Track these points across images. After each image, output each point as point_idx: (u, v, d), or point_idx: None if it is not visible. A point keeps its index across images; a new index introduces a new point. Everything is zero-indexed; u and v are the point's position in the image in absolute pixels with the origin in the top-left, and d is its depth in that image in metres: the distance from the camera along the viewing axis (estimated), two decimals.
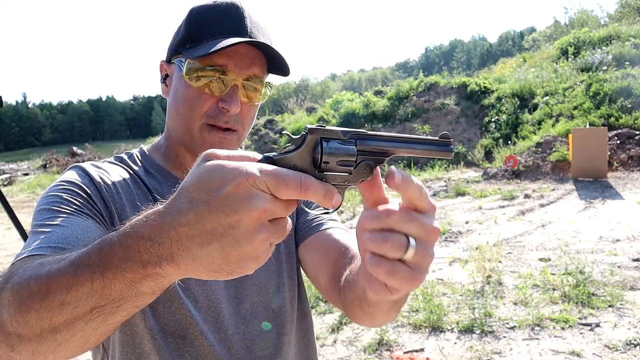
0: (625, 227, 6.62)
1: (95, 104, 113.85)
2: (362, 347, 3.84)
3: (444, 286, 4.98)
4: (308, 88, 61.08)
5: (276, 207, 0.54)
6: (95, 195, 0.91)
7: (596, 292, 4.50)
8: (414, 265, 0.59)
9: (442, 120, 16.08)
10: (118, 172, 1.00)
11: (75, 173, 0.95)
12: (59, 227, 0.80)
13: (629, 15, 26.44)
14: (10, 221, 3.37)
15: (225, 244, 0.52)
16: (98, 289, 0.55)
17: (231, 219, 0.52)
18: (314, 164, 0.59)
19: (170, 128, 1.04)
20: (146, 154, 1.08)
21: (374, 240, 0.58)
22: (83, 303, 0.56)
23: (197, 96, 0.95)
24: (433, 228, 0.60)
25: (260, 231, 0.53)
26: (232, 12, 0.95)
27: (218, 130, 0.97)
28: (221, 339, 0.99)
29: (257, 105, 1.01)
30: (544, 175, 11.00)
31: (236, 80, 0.94)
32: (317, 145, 0.59)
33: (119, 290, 0.55)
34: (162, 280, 0.56)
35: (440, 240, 6.80)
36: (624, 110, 12.68)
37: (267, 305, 1.05)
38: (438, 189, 10.81)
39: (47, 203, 0.86)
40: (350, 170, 0.60)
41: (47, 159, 24.98)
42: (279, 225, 0.56)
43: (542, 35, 43.35)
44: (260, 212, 0.52)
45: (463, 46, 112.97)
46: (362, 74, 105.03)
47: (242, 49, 0.94)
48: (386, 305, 0.81)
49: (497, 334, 3.89)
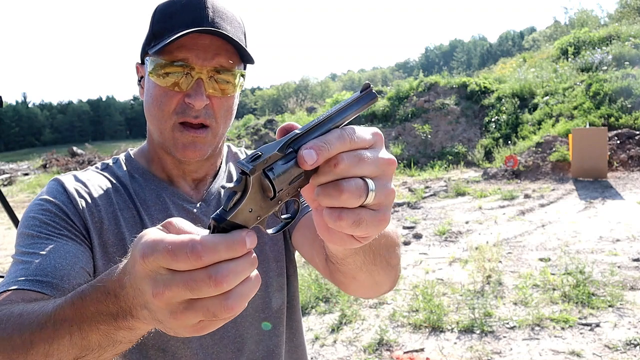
0: (625, 227, 6.62)
1: (95, 104, 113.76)
2: (362, 347, 3.84)
3: (444, 286, 4.98)
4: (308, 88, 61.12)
5: (177, 292, 0.46)
6: (72, 213, 0.91)
7: (596, 292, 4.50)
8: (377, 205, 0.55)
9: (442, 120, 16.07)
10: (99, 182, 1.00)
11: (54, 189, 0.95)
12: (38, 256, 0.82)
13: (629, 15, 26.43)
14: (10, 221, 3.39)
15: (152, 316, 0.50)
16: (77, 341, 0.57)
17: (142, 299, 0.50)
18: (267, 196, 0.53)
19: (149, 131, 1.03)
20: (132, 158, 1.08)
21: (328, 194, 0.52)
22: (65, 354, 0.58)
23: (164, 94, 0.92)
24: (387, 159, 0.55)
25: (176, 313, 0.47)
26: (193, 3, 0.91)
27: (190, 130, 0.94)
28: (207, 345, 0.97)
29: (231, 97, 0.97)
30: (544, 175, 11.00)
31: (200, 73, 0.91)
32: (264, 180, 0.52)
33: (96, 340, 0.56)
34: (134, 331, 0.55)
35: (440, 240, 6.81)
36: (624, 110, 12.67)
37: (256, 306, 1.03)
38: (438, 189, 10.80)
39: (27, 226, 0.88)
40: (301, 179, 0.55)
41: (47, 159, 24.96)
42: (208, 305, 0.47)
43: (542, 35, 43.31)
44: (158, 295, 0.46)
45: (463, 46, 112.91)
46: (362, 74, 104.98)
47: (205, 40, 0.90)
48: (358, 257, 0.74)
49: (497, 334, 3.89)
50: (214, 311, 0.46)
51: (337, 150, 0.52)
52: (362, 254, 0.74)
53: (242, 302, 0.48)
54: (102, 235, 0.93)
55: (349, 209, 0.53)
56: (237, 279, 0.47)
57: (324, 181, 0.53)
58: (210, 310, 0.46)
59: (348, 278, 0.84)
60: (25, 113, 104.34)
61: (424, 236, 7.07)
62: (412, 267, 5.74)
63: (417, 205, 9.27)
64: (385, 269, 0.80)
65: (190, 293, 0.46)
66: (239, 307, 0.48)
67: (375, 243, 0.72)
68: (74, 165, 22.44)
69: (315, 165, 0.52)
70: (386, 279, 0.84)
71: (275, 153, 0.52)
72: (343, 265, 0.79)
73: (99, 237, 0.93)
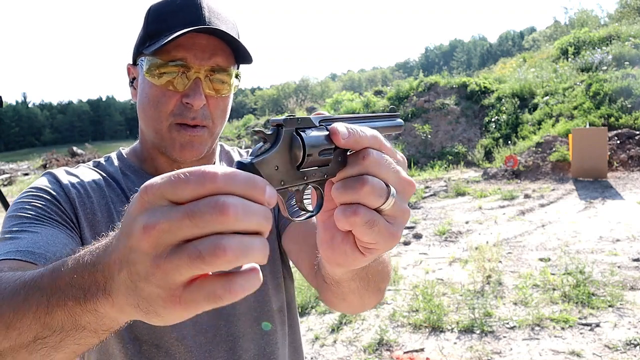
0: (625, 227, 6.62)
1: (95, 104, 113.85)
2: (362, 347, 3.84)
3: (444, 286, 4.98)
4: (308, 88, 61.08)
5: (175, 221, 0.39)
6: (64, 201, 0.91)
7: (596, 292, 4.50)
8: (392, 218, 0.53)
9: (442, 120, 16.08)
10: (91, 176, 1.00)
11: (46, 179, 0.95)
12: (28, 232, 0.79)
13: (629, 15, 26.43)
14: None
15: (131, 271, 0.42)
16: (41, 316, 0.52)
17: (129, 241, 0.42)
18: (295, 160, 0.51)
19: (142, 131, 1.03)
20: (123, 156, 1.08)
21: (351, 186, 0.51)
22: (26, 330, 0.53)
23: (161, 94, 0.92)
24: (408, 179, 0.55)
25: (160, 258, 0.39)
26: (188, 4, 0.92)
27: (187, 129, 0.94)
28: (201, 343, 0.97)
29: (226, 97, 0.97)
30: (544, 175, 11.00)
31: (198, 73, 0.91)
32: (295, 138, 0.51)
33: (60, 320, 0.51)
34: (100, 317, 0.49)
35: (440, 240, 6.81)
36: (624, 110, 12.67)
37: (249, 304, 1.02)
38: (438, 189, 10.80)
39: (15, 210, 0.86)
40: (330, 160, 0.54)
41: (47, 159, 24.98)
42: (198, 245, 0.39)
43: (542, 35, 43.30)
44: (149, 229, 0.39)
45: (463, 46, 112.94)
46: (362, 74, 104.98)
47: (202, 39, 0.90)
48: (353, 283, 0.73)
49: (497, 334, 3.89)
50: (202, 251, 0.38)
51: (368, 142, 0.52)
52: (357, 280, 0.72)
53: (240, 252, 0.39)
54: (94, 227, 0.93)
55: (367, 208, 0.51)
56: (246, 217, 0.40)
57: (350, 174, 0.52)
58: (198, 250, 0.38)
59: (338, 299, 0.83)
60: (25, 113, 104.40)
61: (424, 236, 7.07)
62: (412, 267, 5.74)
63: (417, 205, 9.27)
64: (375, 293, 0.81)
65: (190, 222, 0.38)
66: (232, 255, 0.39)
67: (372, 270, 0.72)
68: (74, 165, 22.45)
69: (345, 143, 0.51)
70: (374, 301, 0.84)
71: (310, 119, 0.53)
72: (337, 288, 0.77)
73: (91, 229, 0.92)
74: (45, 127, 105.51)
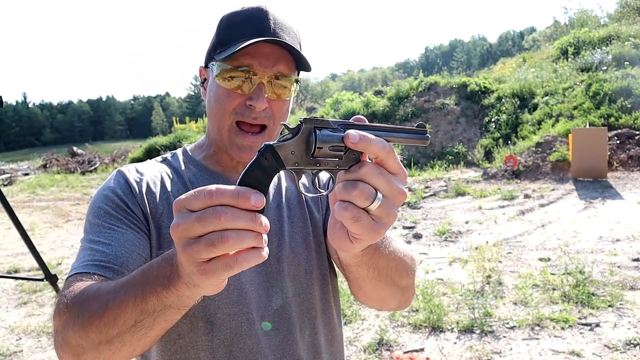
0: (625, 227, 6.63)
1: (95, 104, 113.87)
2: (362, 346, 3.84)
3: (444, 286, 4.98)
4: (308, 88, 61.07)
5: (189, 223, 0.58)
6: (132, 202, 1.03)
7: (596, 292, 4.50)
8: (377, 217, 0.67)
9: (442, 120, 16.08)
10: (156, 172, 1.10)
11: (116, 181, 1.06)
12: (104, 244, 0.95)
13: (628, 16, 26.44)
14: (10, 221, 3.39)
15: (178, 259, 0.63)
16: (139, 304, 0.70)
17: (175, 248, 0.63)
18: (309, 149, 0.66)
19: (208, 128, 1.13)
20: (188, 152, 1.17)
21: (344, 189, 0.66)
22: (129, 317, 0.71)
23: (227, 95, 1.02)
24: (400, 189, 0.67)
25: (186, 247, 0.59)
26: (256, 15, 1.02)
27: (246, 135, 1.03)
28: (253, 320, 1.03)
29: (287, 101, 1.06)
30: (544, 175, 11.00)
31: (262, 79, 1.00)
32: (311, 134, 0.66)
33: (152, 305, 0.69)
34: (180, 296, 0.67)
35: (440, 240, 6.81)
36: (624, 110, 12.67)
37: (295, 292, 1.08)
38: (438, 189, 10.80)
39: (94, 215, 1.00)
40: (341, 155, 0.67)
41: (47, 159, 24.99)
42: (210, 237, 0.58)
43: (542, 35, 43.36)
44: (174, 228, 0.59)
45: (463, 46, 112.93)
46: (362, 74, 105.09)
47: (267, 48, 0.99)
48: (361, 270, 0.87)
49: (497, 334, 3.89)
50: (214, 240, 0.57)
51: (376, 149, 0.65)
52: (365, 267, 0.87)
53: (237, 239, 0.57)
54: (156, 220, 1.04)
55: (355, 206, 0.65)
56: (234, 220, 0.57)
57: (348, 178, 0.67)
58: (210, 240, 0.57)
59: (355, 286, 0.99)
60: (25, 113, 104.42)
61: (424, 236, 7.08)
62: None
63: (417, 205, 9.28)
64: (391, 288, 0.95)
65: (198, 224, 0.57)
66: (233, 241, 0.57)
67: (381, 262, 0.86)
68: (74, 165, 22.43)
69: (354, 146, 0.65)
70: (392, 297, 0.99)
71: (329, 122, 0.68)
72: (349, 273, 0.94)
73: (154, 222, 1.03)
74: (45, 127, 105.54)
